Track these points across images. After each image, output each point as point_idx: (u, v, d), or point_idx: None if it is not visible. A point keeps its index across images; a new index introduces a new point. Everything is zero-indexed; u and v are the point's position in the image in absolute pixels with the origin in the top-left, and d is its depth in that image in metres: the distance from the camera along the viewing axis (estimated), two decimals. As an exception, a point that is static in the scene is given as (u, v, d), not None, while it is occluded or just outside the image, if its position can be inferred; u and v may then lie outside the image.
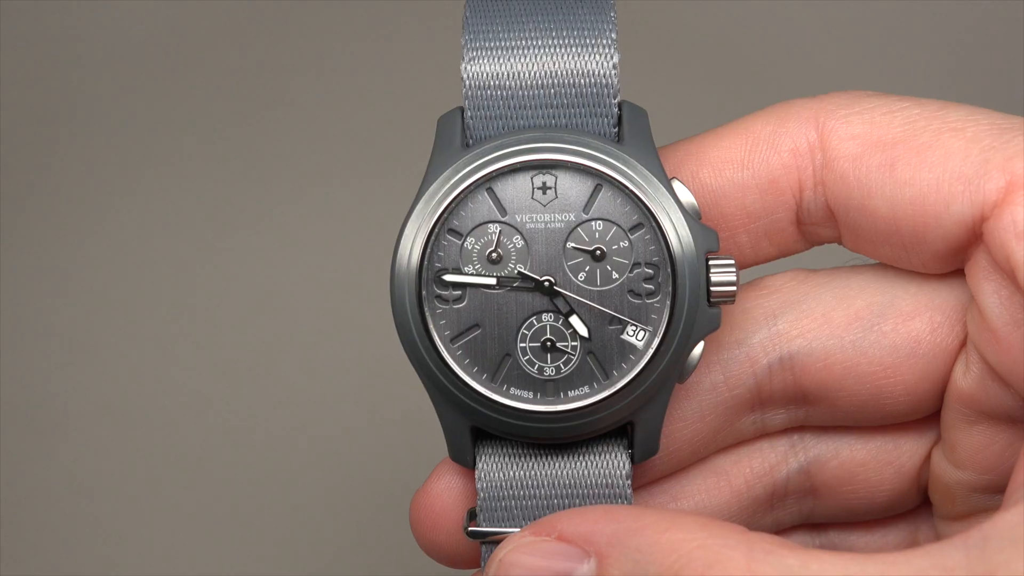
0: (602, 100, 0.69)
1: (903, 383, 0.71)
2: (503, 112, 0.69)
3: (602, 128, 0.69)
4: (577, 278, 0.69)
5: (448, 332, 0.69)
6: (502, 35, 0.69)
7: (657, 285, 0.69)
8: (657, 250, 0.69)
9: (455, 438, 0.70)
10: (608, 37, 0.69)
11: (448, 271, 0.69)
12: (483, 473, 0.70)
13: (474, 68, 0.69)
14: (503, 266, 0.69)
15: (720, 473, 0.74)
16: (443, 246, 0.69)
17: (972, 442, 0.71)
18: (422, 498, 0.72)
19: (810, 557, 0.59)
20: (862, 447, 0.74)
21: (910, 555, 0.59)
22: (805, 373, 0.72)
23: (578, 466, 0.70)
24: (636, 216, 0.69)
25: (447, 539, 0.72)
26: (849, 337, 0.71)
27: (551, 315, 0.69)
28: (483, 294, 0.69)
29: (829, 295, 0.72)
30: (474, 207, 0.69)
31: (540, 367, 0.69)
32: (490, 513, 0.70)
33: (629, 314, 0.69)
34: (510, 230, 0.69)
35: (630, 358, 0.69)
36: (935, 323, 0.71)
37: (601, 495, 0.70)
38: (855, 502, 0.75)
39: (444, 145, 0.69)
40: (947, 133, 0.68)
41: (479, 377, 0.69)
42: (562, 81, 0.69)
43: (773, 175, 0.70)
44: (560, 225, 0.69)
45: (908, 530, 0.77)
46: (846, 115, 0.70)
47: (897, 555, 0.59)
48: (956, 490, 0.72)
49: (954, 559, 0.58)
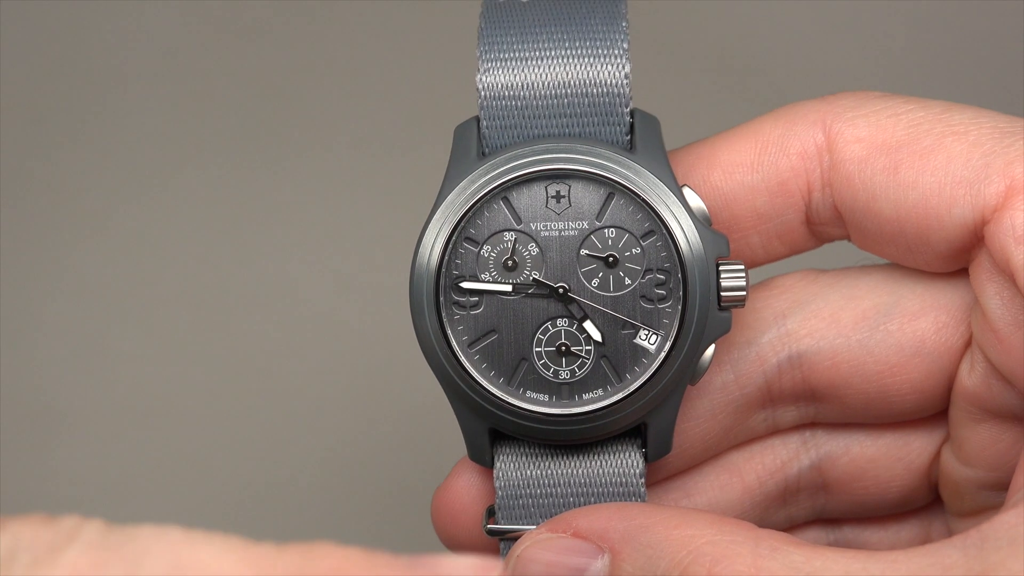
0: (614, 109, 0.70)
1: (909, 381, 0.72)
2: (518, 122, 0.70)
3: (614, 136, 0.70)
4: (591, 284, 0.70)
5: (466, 337, 0.70)
6: (516, 46, 0.71)
7: (668, 290, 0.70)
8: (668, 256, 0.70)
9: (473, 439, 0.71)
10: (620, 47, 0.70)
11: (465, 278, 0.70)
12: (501, 472, 0.71)
13: (489, 79, 0.70)
14: (518, 273, 0.70)
15: (732, 469, 0.75)
16: (460, 254, 0.70)
17: (979, 439, 0.72)
18: (443, 495, 0.74)
19: (815, 554, 0.60)
20: (872, 444, 0.75)
21: (911, 554, 0.60)
22: (813, 371, 0.73)
23: (593, 465, 0.71)
24: (648, 223, 0.70)
25: (466, 535, 0.73)
26: (856, 336, 0.72)
27: (565, 320, 0.70)
28: (499, 300, 0.70)
29: (837, 295, 0.73)
30: (490, 216, 0.70)
31: (555, 371, 0.70)
32: (508, 511, 0.71)
33: (641, 319, 0.70)
34: (525, 238, 0.70)
35: (643, 361, 0.70)
36: (940, 323, 0.71)
37: (615, 493, 0.71)
38: (867, 498, 0.75)
39: (461, 155, 0.71)
40: (950, 137, 0.69)
41: (496, 381, 0.70)
42: (575, 91, 0.70)
43: (782, 177, 0.71)
44: (574, 233, 0.70)
45: (921, 526, 0.77)
46: (852, 118, 0.70)
47: (898, 553, 0.60)
48: (965, 487, 0.73)
49: (952, 558, 0.59)
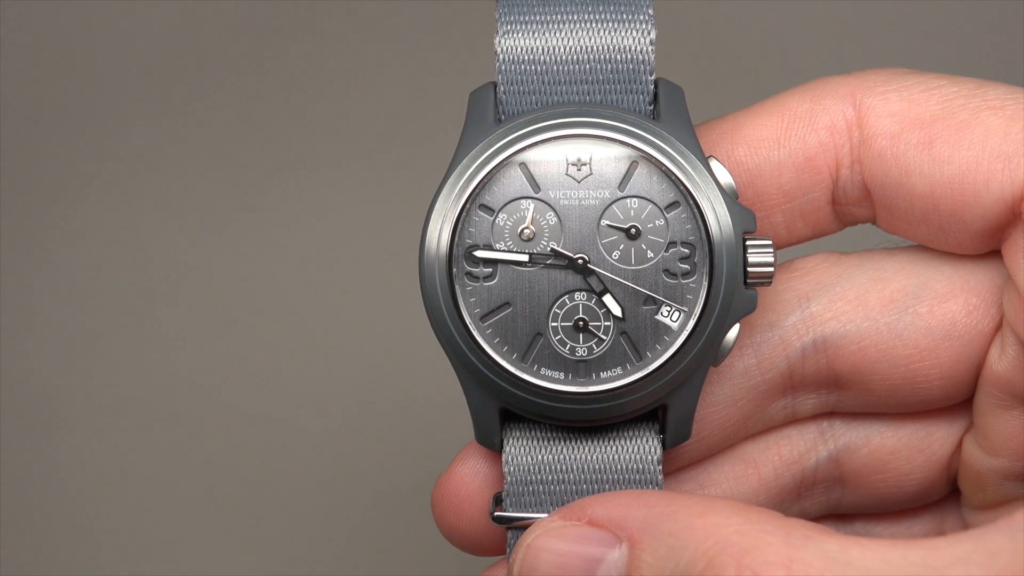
0: (638, 77, 0.68)
1: (938, 367, 0.70)
2: (537, 87, 0.68)
3: (638, 105, 0.68)
4: (611, 256, 0.68)
5: (478, 310, 0.68)
6: (537, 9, 0.68)
7: (693, 265, 0.68)
8: (693, 229, 0.68)
9: (483, 420, 0.69)
10: (645, 12, 0.68)
11: (479, 247, 0.68)
12: (510, 456, 0.69)
13: (508, 42, 0.68)
14: (535, 243, 0.68)
15: (748, 461, 0.73)
16: (474, 222, 0.68)
17: (1006, 428, 0.70)
18: (446, 482, 0.71)
19: (850, 543, 0.58)
20: (893, 435, 0.73)
21: (952, 540, 0.58)
22: (839, 356, 0.71)
23: (608, 450, 0.69)
24: (672, 194, 0.68)
25: (470, 525, 0.71)
26: (884, 319, 0.70)
27: (584, 294, 0.68)
28: (514, 271, 0.68)
29: (863, 277, 0.71)
30: (507, 183, 0.68)
31: (572, 347, 0.68)
32: (517, 498, 0.69)
33: (664, 294, 0.68)
34: (543, 206, 0.68)
35: (664, 339, 0.68)
36: (971, 305, 0.70)
37: (631, 480, 0.69)
38: (885, 491, 0.74)
39: (476, 120, 0.68)
40: (986, 111, 0.67)
41: (509, 357, 0.68)
42: (598, 57, 0.68)
43: (810, 153, 0.70)
44: (595, 202, 0.68)
45: (935, 520, 0.76)
46: (884, 92, 0.69)
47: (939, 540, 0.58)
48: (988, 478, 0.72)
49: (998, 543, 0.57)
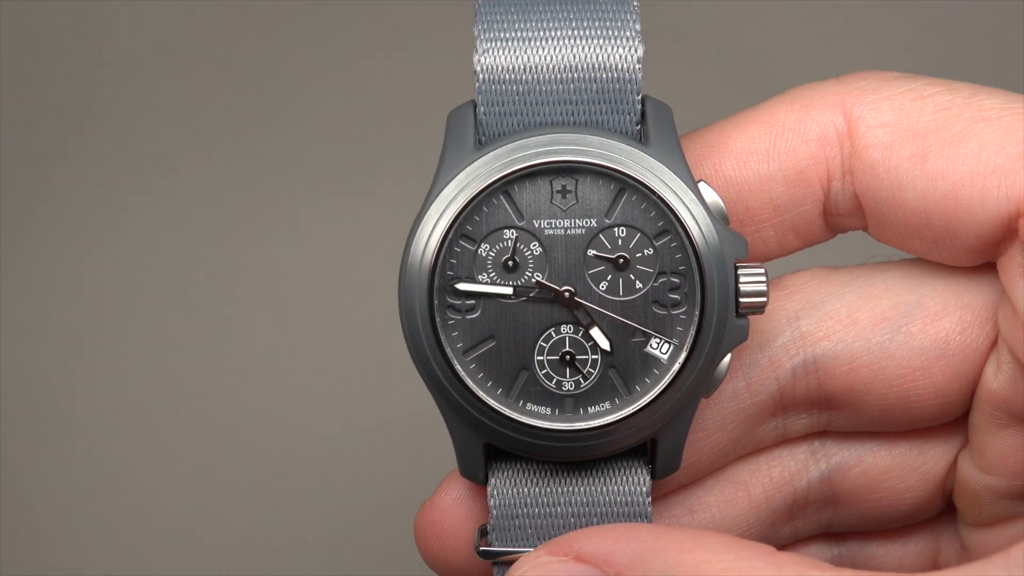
0: (625, 96, 0.66)
1: (932, 386, 0.69)
2: (519, 108, 0.66)
3: (624, 126, 0.66)
4: (599, 288, 0.66)
5: (461, 344, 0.66)
6: (518, 25, 0.66)
7: (683, 295, 0.66)
8: (684, 258, 0.66)
9: (467, 455, 0.67)
10: (632, 28, 0.66)
11: (461, 279, 0.66)
12: (496, 490, 0.68)
13: (488, 60, 0.66)
14: (520, 275, 0.66)
15: (738, 483, 0.72)
16: (456, 253, 0.66)
17: (1002, 446, 0.69)
18: (429, 513, 0.70)
19: None
20: (886, 453, 0.72)
21: (948, 574, 0.58)
22: (830, 377, 0.70)
23: (596, 483, 0.68)
24: (662, 222, 0.66)
25: (455, 556, 0.70)
26: (876, 339, 0.69)
27: (570, 327, 0.66)
28: (498, 304, 0.66)
29: (853, 295, 0.70)
30: (489, 211, 0.66)
31: (559, 382, 0.66)
32: (503, 532, 0.68)
33: (654, 326, 0.66)
34: (527, 236, 0.66)
35: (654, 373, 0.66)
36: (965, 322, 0.69)
37: (620, 513, 0.68)
38: (878, 510, 0.73)
39: (456, 143, 0.66)
40: (981, 123, 0.66)
41: (493, 392, 0.66)
42: (582, 76, 0.66)
43: (800, 165, 0.68)
44: (581, 231, 0.66)
45: (930, 538, 0.75)
46: (874, 100, 0.68)
47: (936, 574, 0.58)
48: (983, 496, 0.71)
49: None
